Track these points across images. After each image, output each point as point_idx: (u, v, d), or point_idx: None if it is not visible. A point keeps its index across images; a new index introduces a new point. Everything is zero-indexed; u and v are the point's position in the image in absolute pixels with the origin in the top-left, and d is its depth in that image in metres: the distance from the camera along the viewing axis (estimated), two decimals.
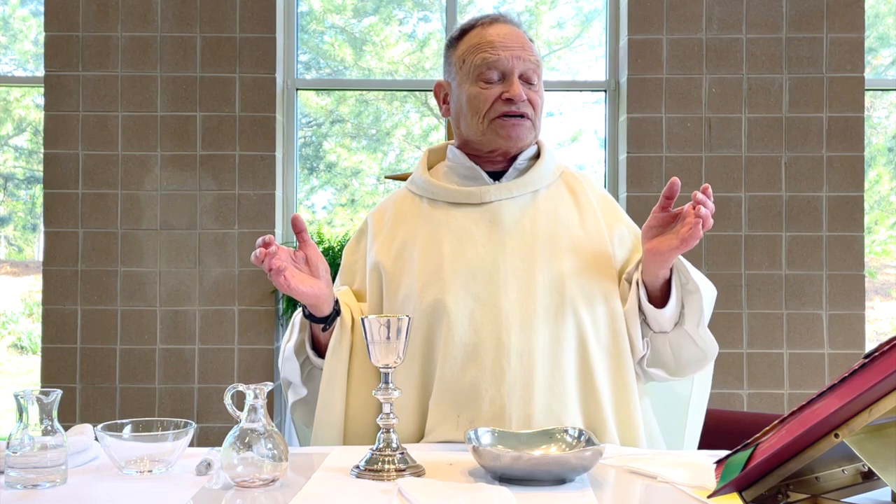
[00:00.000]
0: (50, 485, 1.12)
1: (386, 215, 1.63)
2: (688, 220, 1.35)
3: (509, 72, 1.52)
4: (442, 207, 1.57)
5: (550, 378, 1.44)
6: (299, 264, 1.43)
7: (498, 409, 1.42)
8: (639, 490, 1.14)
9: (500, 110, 1.52)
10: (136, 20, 3.52)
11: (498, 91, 1.52)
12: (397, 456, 1.19)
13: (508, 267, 1.48)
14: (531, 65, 1.54)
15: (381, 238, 1.59)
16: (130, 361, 3.48)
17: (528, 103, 1.53)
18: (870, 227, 5.34)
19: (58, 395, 1.15)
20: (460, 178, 1.59)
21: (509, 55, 1.52)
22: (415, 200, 1.62)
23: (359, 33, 4.16)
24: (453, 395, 1.45)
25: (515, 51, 1.53)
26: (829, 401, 0.91)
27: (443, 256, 1.50)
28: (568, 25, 4.15)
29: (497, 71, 1.52)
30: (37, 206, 6.63)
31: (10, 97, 6.09)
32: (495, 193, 1.54)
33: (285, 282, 1.35)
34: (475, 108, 1.53)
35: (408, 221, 1.59)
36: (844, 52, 3.49)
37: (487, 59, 1.52)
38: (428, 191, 1.60)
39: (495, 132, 1.53)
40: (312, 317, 1.47)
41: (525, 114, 1.53)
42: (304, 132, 4.18)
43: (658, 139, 3.49)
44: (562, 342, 1.46)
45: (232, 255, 3.50)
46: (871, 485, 1.02)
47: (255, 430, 1.15)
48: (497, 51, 1.52)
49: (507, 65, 1.52)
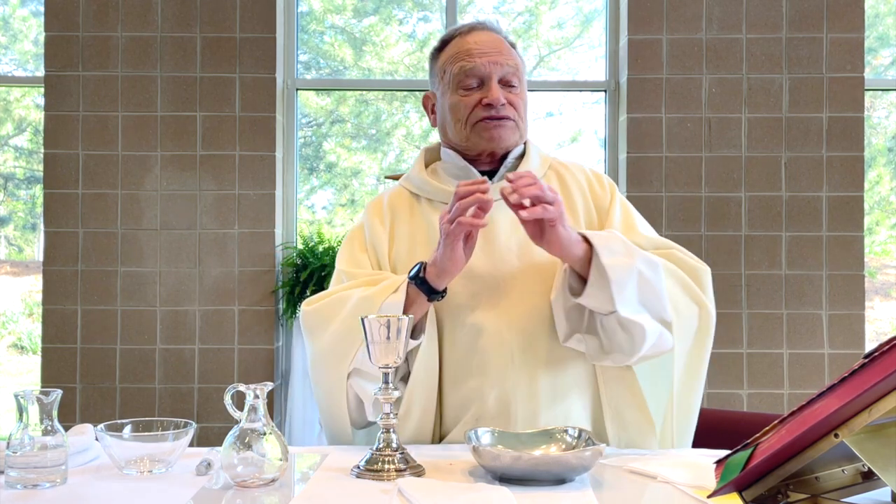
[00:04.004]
0: (50, 485, 1.12)
1: (384, 212, 1.64)
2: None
3: (487, 77, 1.55)
4: (439, 207, 1.59)
5: (552, 382, 1.46)
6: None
7: (503, 408, 1.43)
8: (639, 490, 1.14)
9: (480, 115, 1.55)
10: (136, 20, 3.52)
11: (477, 97, 1.55)
12: (397, 456, 1.19)
13: (505, 269, 1.50)
14: (510, 68, 1.56)
15: (380, 238, 1.60)
16: (130, 361, 3.48)
17: (509, 105, 1.56)
18: (870, 228, 5.34)
19: (58, 395, 1.15)
20: (454, 177, 1.61)
21: (486, 61, 1.55)
22: (411, 199, 1.64)
23: (359, 33, 4.16)
24: (460, 401, 1.47)
25: (492, 56, 1.55)
26: (829, 401, 0.91)
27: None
28: (568, 25, 4.15)
29: (475, 77, 1.55)
30: (37, 206, 6.63)
31: (10, 97, 6.09)
32: (490, 193, 1.54)
33: (471, 241, 1.39)
34: (457, 116, 1.57)
35: (405, 221, 1.61)
36: (844, 52, 3.49)
37: (465, 66, 1.55)
38: (425, 190, 1.62)
39: (478, 135, 1.55)
40: (425, 285, 1.42)
41: (506, 116, 1.55)
42: (304, 132, 4.18)
43: (658, 139, 3.49)
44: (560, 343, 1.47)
45: (232, 255, 3.50)
46: (871, 485, 1.02)
47: (255, 430, 1.15)
48: (474, 58, 1.55)
49: (485, 70, 1.54)
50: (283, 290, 3.51)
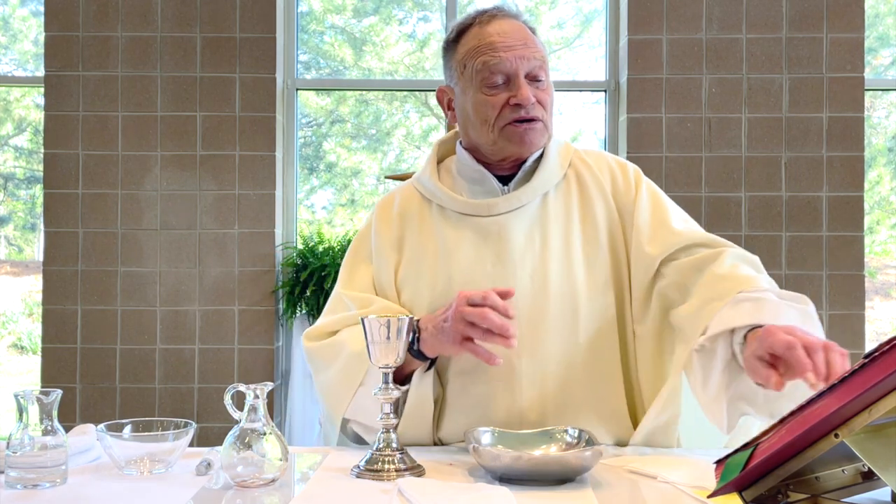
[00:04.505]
0: (50, 485, 1.12)
1: (393, 219, 1.53)
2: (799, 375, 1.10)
3: (514, 74, 1.41)
4: (450, 216, 1.49)
5: (562, 398, 1.39)
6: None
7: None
8: (639, 490, 1.14)
9: (509, 117, 1.42)
10: (136, 20, 3.52)
11: (505, 97, 1.42)
12: (397, 456, 1.19)
13: (519, 290, 1.39)
14: (537, 62, 1.42)
15: (387, 253, 1.51)
16: (130, 361, 3.48)
17: (538, 104, 1.43)
18: (870, 228, 5.34)
19: (58, 395, 1.14)
20: (468, 181, 1.51)
21: (512, 56, 1.41)
22: (422, 204, 1.53)
23: (359, 33, 4.16)
24: (462, 428, 1.38)
25: (518, 49, 1.41)
26: (829, 401, 0.91)
27: (451, 278, 1.43)
28: (568, 25, 4.15)
29: (501, 74, 1.41)
30: (37, 206, 6.63)
31: (10, 97, 6.10)
32: (504, 205, 1.45)
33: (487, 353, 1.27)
34: (483, 117, 1.44)
35: (415, 231, 1.51)
36: (844, 52, 3.49)
37: (489, 62, 1.41)
38: (437, 197, 1.51)
39: (507, 140, 1.43)
40: (419, 353, 1.35)
41: (536, 117, 1.42)
42: (304, 132, 4.18)
43: (658, 139, 3.49)
44: (572, 361, 1.40)
45: (232, 255, 3.50)
46: (871, 485, 1.02)
47: (255, 430, 1.15)
48: (498, 52, 1.41)
49: (511, 66, 1.41)
50: (283, 290, 3.51)
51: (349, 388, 1.40)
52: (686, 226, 1.47)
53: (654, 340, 1.43)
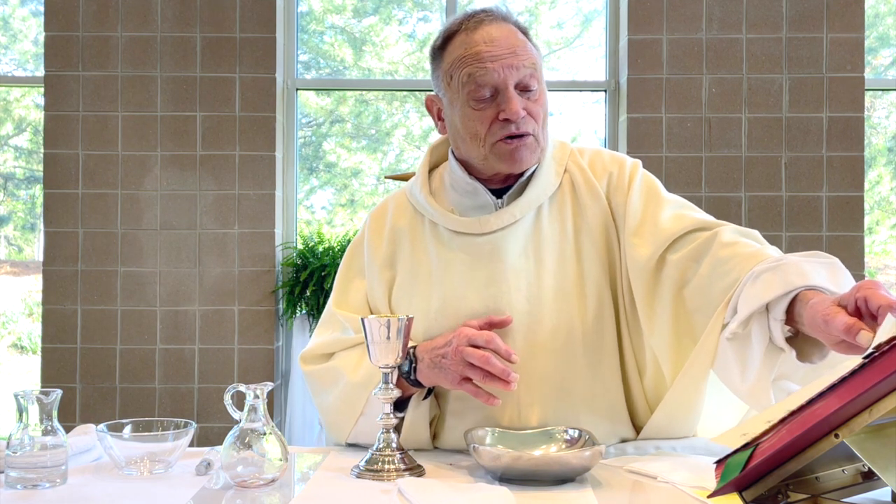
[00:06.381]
0: (50, 485, 1.12)
1: (385, 233, 1.50)
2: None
3: (502, 86, 1.33)
4: (443, 233, 1.44)
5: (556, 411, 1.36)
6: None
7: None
8: (639, 490, 1.14)
9: (499, 133, 1.35)
10: (136, 20, 3.52)
11: (493, 112, 1.34)
12: (397, 456, 1.19)
13: (514, 312, 1.35)
14: (527, 70, 1.34)
15: (379, 269, 1.47)
16: (130, 361, 3.48)
17: (529, 117, 1.35)
18: (871, 228, 5.34)
19: (58, 395, 1.14)
20: (461, 193, 1.44)
21: (499, 66, 1.32)
22: (414, 217, 1.48)
23: (359, 33, 4.16)
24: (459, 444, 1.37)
25: (506, 59, 1.33)
26: (829, 401, 0.91)
27: (445, 300, 1.39)
28: (568, 25, 4.15)
29: (488, 87, 1.33)
30: (37, 206, 6.62)
31: (10, 97, 6.09)
32: (496, 221, 1.39)
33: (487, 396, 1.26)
34: (472, 133, 1.37)
35: (407, 247, 1.46)
36: (844, 52, 3.49)
37: (475, 74, 1.33)
38: (428, 212, 1.45)
39: (498, 157, 1.36)
40: (416, 382, 1.33)
41: (527, 132, 1.35)
42: (304, 132, 4.18)
43: (658, 139, 3.49)
44: (571, 381, 1.36)
45: (232, 255, 3.50)
46: (871, 485, 1.02)
47: (255, 430, 1.15)
48: (484, 63, 1.33)
49: (498, 78, 1.33)
50: (283, 290, 3.51)
51: (350, 418, 1.39)
52: (678, 214, 1.40)
53: (671, 344, 1.36)
